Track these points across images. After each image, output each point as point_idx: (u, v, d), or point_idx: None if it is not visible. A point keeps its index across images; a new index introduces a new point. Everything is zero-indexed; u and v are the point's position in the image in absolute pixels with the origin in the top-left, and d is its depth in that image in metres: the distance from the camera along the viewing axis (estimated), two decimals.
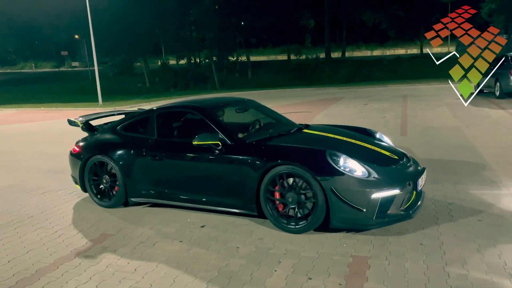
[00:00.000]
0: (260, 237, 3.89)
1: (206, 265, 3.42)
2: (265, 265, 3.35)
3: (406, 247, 3.50)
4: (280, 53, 48.93)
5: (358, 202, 3.61)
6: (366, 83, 24.57)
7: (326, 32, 40.48)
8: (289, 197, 3.88)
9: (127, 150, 4.79)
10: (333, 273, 3.17)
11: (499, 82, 13.00)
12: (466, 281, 2.93)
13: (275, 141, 4.39)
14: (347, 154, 3.86)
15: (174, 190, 4.61)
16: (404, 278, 3.02)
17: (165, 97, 24.04)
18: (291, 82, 29.13)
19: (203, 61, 38.47)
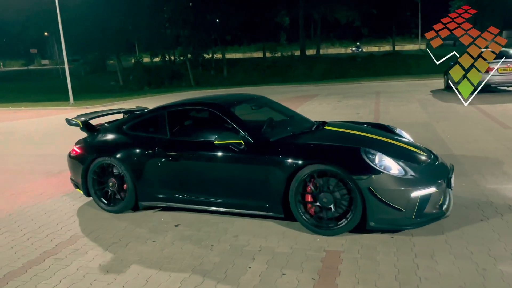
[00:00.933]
0: (234, 235, 3.89)
1: (180, 264, 3.39)
2: (240, 263, 3.35)
3: (378, 241, 3.56)
4: (256, 51, 49.01)
5: (397, 201, 3.45)
6: (340, 80, 24.90)
7: (301, 29, 40.78)
8: (323, 198, 3.66)
9: (137, 151, 4.46)
10: (307, 268, 3.20)
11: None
12: (434, 271, 3.01)
13: (302, 139, 4.19)
14: (381, 152, 3.71)
15: (191, 192, 4.31)
16: (376, 271, 3.08)
17: (139, 95, 23.69)
18: (266, 80, 29.23)
19: (178, 59, 38.12)
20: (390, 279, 2.96)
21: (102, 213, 4.70)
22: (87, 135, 5.04)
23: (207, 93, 22.89)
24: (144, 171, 4.42)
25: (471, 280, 2.87)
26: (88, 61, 40.93)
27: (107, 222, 4.42)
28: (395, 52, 40.09)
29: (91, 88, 30.18)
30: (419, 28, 46.30)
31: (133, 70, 35.80)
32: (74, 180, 4.97)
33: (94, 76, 38.36)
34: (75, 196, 5.42)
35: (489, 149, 6.40)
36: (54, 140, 10.42)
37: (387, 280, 2.95)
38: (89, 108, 17.99)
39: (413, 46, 47.56)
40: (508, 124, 8.21)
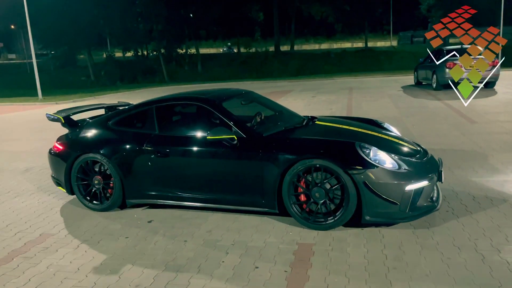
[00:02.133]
0: (208, 230, 3.90)
1: (153, 260, 3.38)
2: (213, 257, 3.37)
3: (348, 233, 3.65)
4: None
5: (392, 195, 3.48)
6: (314, 76, 25.15)
7: (275, 25, 40.87)
8: (315, 193, 3.66)
9: (124, 148, 4.33)
10: (279, 261, 3.24)
11: (436, 74, 13.79)
12: (402, 261, 3.12)
13: (295, 134, 4.17)
14: (374, 146, 3.73)
15: (182, 189, 4.22)
16: (346, 262, 3.16)
17: (111, 91, 23.24)
18: (241, 75, 29.19)
19: (151, 54, 37.55)
20: (360, 269, 3.04)
21: (72, 210, 4.62)
22: (68, 131, 4.87)
23: (182, 89, 22.64)
24: (131, 168, 4.31)
25: (436, 268, 2.98)
26: (58, 55, 39.76)
27: (78, 219, 4.34)
28: (367, 48, 40.76)
29: (61, 83, 29.36)
30: (391, 25, 47.25)
31: (105, 65, 35.03)
32: (56, 178, 4.79)
33: (64, 71, 37.28)
34: (43, 193, 5.30)
35: (457, 143, 6.63)
36: (22, 136, 10.11)
37: (357, 270, 3.03)
38: (58, 104, 17.52)
39: (385, 42, 48.50)
40: (474, 119, 8.52)
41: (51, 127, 10.84)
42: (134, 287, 2.98)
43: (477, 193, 4.38)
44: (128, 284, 3.02)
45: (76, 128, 4.80)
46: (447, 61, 13.26)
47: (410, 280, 2.86)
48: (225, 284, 2.96)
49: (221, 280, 3.00)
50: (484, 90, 13.18)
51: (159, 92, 21.10)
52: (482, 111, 9.34)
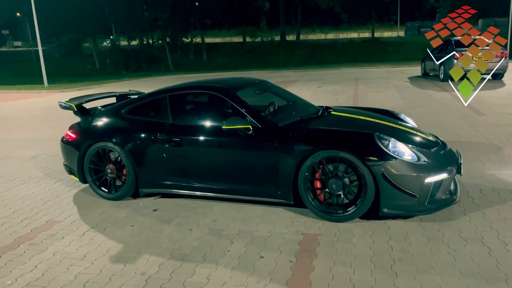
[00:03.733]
0: (213, 219, 3.90)
1: (158, 248, 3.39)
2: (218, 246, 3.37)
3: (354, 224, 3.64)
4: (236, 35, 48.51)
5: (412, 187, 3.43)
6: (320, 66, 24.99)
7: (281, 14, 40.52)
8: (332, 184, 3.61)
9: (137, 137, 4.29)
10: (284, 251, 3.24)
11: (443, 65, 13.64)
12: (407, 253, 3.11)
13: (312, 125, 4.11)
14: (393, 137, 3.67)
15: (196, 179, 4.18)
16: (351, 253, 3.16)
17: (116, 79, 23.23)
18: (246, 65, 29.08)
19: (156, 42, 37.42)
20: (365, 260, 3.04)
21: (79, 198, 4.64)
22: (80, 119, 4.84)
23: (187, 78, 22.60)
24: (145, 157, 4.27)
25: (442, 260, 2.97)
26: (63, 43, 39.71)
27: (84, 207, 4.36)
28: (374, 39, 40.33)
29: (66, 71, 29.38)
30: (398, 15, 46.69)
31: (110, 54, 34.96)
32: (68, 166, 4.76)
33: (70, 59, 37.27)
34: (50, 181, 5.33)
35: (463, 135, 6.57)
36: (28, 124, 10.15)
37: (362, 261, 3.02)
38: (64, 92, 17.55)
39: (392, 33, 47.97)
40: (482, 110, 8.43)
41: (57, 115, 10.89)
42: (140, 275, 3.00)
43: (484, 186, 4.35)
44: (133, 272, 3.04)
45: (88, 117, 4.77)
46: (455, 52, 13.11)
47: (416, 272, 2.85)
48: (230, 273, 2.96)
49: (226, 269, 3.01)
50: (492, 82, 13.05)
51: (164, 80, 21.07)
52: (490, 103, 9.25)
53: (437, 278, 2.75)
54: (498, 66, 12.81)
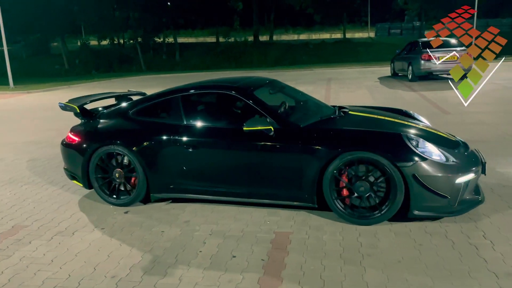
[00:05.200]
0: (186, 220, 3.88)
1: (129, 251, 3.35)
2: (190, 247, 3.36)
3: (325, 221, 3.70)
4: (209, 35, 48.25)
5: (443, 188, 3.35)
6: (293, 66, 25.21)
7: (255, 14, 40.63)
8: (359, 187, 3.51)
9: (148, 139, 4.07)
10: (256, 250, 3.27)
11: (411, 66, 14.02)
12: (376, 248, 3.19)
13: (334, 125, 4.00)
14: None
15: (213, 183, 4.01)
16: (322, 250, 3.21)
17: (86, 79, 22.71)
18: (220, 65, 28.97)
19: (128, 42, 36.77)
20: (335, 257, 3.10)
21: (45, 202, 4.52)
22: (81, 121, 4.58)
23: (160, 78, 22.32)
24: (157, 161, 4.06)
25: (409, 254, 3.07)
26: (30, 43, 38.47)
27: (52, 211, 4.26)
28: (346, 39, 41.00)
29: (34, 71, 28.45)
30: (369, 17, 47.62)
31: (80, 54, 34.12)
32: (70, 171, 4.50)
33: (37, 59, 36.09)
34: (16, 185, 5.17)
35: None
36: None
37: (332, 258, 3.08)
38: (30, 93, 17.02)
39: (363, 34, 48.88)
40: (448, 109, 8.72)
41: (24, 116, 10.56)
42: (110, 278, 2.96)
43: None
44: (103, 275, 2.99)
45: (91, 119, 4.52)
46: (422, 53, 13.51)
47: (384, 266, 2.93)
48: (202, 273, 2.96)
49: (198, 269, 3.01)
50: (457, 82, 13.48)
51: (136, 81, 20.75)
52: (455, 102, 9.56)
53: (404, 272, 2.84)
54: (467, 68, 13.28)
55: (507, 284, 2.64)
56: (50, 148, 7.07)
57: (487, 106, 8.86)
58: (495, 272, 2.78)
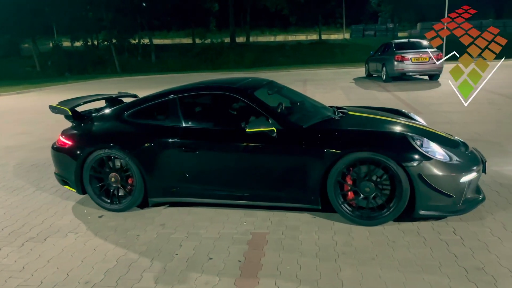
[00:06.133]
0: (161, 223, 3.85)
1: (104, 255, 3.30)
2: (166, 250, 3.34)
3: (301, 221, 3.74)
4: (185, 37, 47.98)
5: (448, 187, 3.36)
6: (269, 68, 25.32)
7: (231, 16, 40.65)
8: (365, 187, 3.50)
9: (146, 142, 3.96)
10: (233, 251, 3.27)
11: (385, 67, 14.31)
12: (351, 246, 3.24)
13: (337, 126, 3.95)
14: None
15: (214, 186, 3.92)
16: (298, 250, 3.24)
17: (59, 82, 22.19)
18: (196, 66, 28.85)
19: (102, 43, 36.14)
20: (311, 256, 3.13)
21: (16, 207, 4.40)
22: (72, 124, 4.43)
23: (135, 80, 22.00)
24: (156, 164, 3.96)
25: (382, 252, 3.13)
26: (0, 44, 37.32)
27: (23, 216, 4.15)
28: (321, 41, 41.49)
29: (3, 74, 27.57)
30: (343, 19, 48.33)
31: (52, 55, 33.31)
32: (61, 176, 4.34)
33: (7, 61, 35.03)
34: None
35: None
36: None
37: (308, 257, 3.12)
38: (1, 96, 16.51)
39: (338, 35, 49.58)
40: (420, 109, 8.94)
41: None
42: (84, 284, 2.90)
43: None
44: (77, 281, 2.94)
45: (82, 122, 4.38)
46: (396, 54, 13.81)
47: (358, 264, 2.98)
48: (178, 276, 2.95)
49: (174, 273, 2.99)
50: (429, 82, 13.88)
51: (111, 83, 20.41)
52: (427, 102, 9.82)
53: (377, 269, 2.90)
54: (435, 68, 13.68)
55: (475, 278, 2.73)
56: (22, 152, 6.88)
57: (460, 105, 9.11)
58: (464, 266, 2.87)
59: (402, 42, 15.21)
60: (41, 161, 6.24)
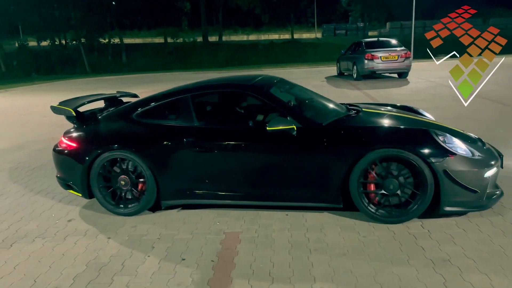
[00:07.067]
0: (133, 225, 3.79)
1: (73, 260, 3.22)
2: (138, 252, 3.29)
3: (274, 219, 3.76)
4: (157, 36, 47.32)
5: (473, 183, 3.34)
6: (243, 67, 25.34)
7: (203, 15, 40.40)
8: (390, 184, 3.44)
9: (158, 143, 3.83)
10: (206, 251, 3.26)
11: (356, 65, 14.56)
12: (323, 243, 3.28)
13: (357, 123, 3.86)
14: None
15: (232, 187, 3.82)
16: (271, 248, 3.26)
17: (25, 83, 21.50)
18: (169, 66, 28.57)
19: (70, 43, 35.24)
20: (284, 253, 3.16)
21: None
22: (74, 125, 4.23)
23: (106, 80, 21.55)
24: (169, 166, 3.83)
25: (354, 247, 3.19)
26: None
27: None
28: (294, 40, 41.81)
29: None
30: (315, 18, 48.85)
31: (17, 55, 32.23)
32: (64, 180, 4.14)
33: None
34: None
35: None
36: None
37: (281, 255, 3.14)
38: None
39: (310, 34, 50.06)
40: None
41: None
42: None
43: None
44: (45, 287, 2.85)
45: (85, 123, 4.18)
46: (366, 53, 14.07)
47: (330, 260, 3.02)
48: (150, 278, 2.91)
49: (146, 275, 2.95)
50: (398, 80, 14.21)
51: (81, 83, 19.92)
52: (396, 99, 10.05)
53: (349, 264, 2.95)
54: (403, 66, 14.02)
55: (442, 270, 2.81)
56: None
57: (423, 102, 9.38)
58: (431, 259, 2.96)
59: (371, 41, 15.52)
60: (6, 166, 6.03)
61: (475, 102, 8.95)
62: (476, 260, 2.90)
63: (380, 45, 14.60)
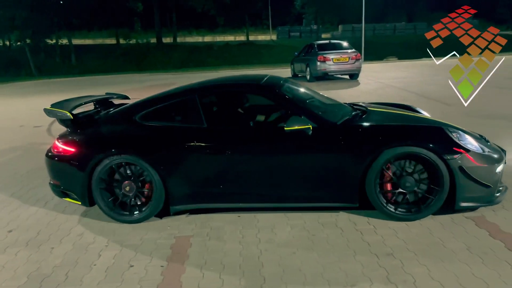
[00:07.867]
0: (79, 233, 3.65)
1: (13, 272, 3.05)
2: (83, 261, 3.17)
3: (226, 221, 3.75)
4: (108, 37, 45.93)
5: (487, 178, 3.41)
6: (198, 69, 25.17)
7: (156, 16, 39.73)
8: (405, 182, 3.46)
9: (165, 146, 3.66)
10: (156, 256, 3.20)
11: (309, 67, 14.85)
12: (273, 243, 3.32)
13: (370, 121, 3.78)
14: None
15: (246, 189, 3.69)
16: (222, 250, 3.25)
17: None
18: (121, 68, 27.83)
19: (14, 44, 33.46)
20: (235, 255, 3.16)
21: None
22: (67, 129, 3.99)
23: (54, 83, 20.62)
24: (178, 170, 3.67)
25: (303, 245, 3.25)
26: None
27: None
28: (249, 42, 42.03)
29: None
30: (270, 20, 49.35)
31: None
32: (60, 187, 3.87)
33: None
34: None
35: None
36: None
37: (232, 257, 3.14)
38: None
39: (265, 36, 50.52)
40: None
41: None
42: None
43: None
44: None
45: (81, 126, 3.94)
46: (318, 55, 14.39)
47: (280, 259, 3.06)
48: (96, 287, 2.81)
49: (92, 284, 2.85)
50: (349, 81, 14.64)
51: (27, 86, 18.94)
52: (347, 100, 10.33)
53: (298, 263, 3.00)
54: (354, 68, 14.46)
55: (385, 264, 2.93)
56: None
57: None
58: (376, 253, 3.07)
59: (324, 43, 15.89)
60: None
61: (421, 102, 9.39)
62: (417, 253, 3.04)
63: (332, 47, 14.97)
